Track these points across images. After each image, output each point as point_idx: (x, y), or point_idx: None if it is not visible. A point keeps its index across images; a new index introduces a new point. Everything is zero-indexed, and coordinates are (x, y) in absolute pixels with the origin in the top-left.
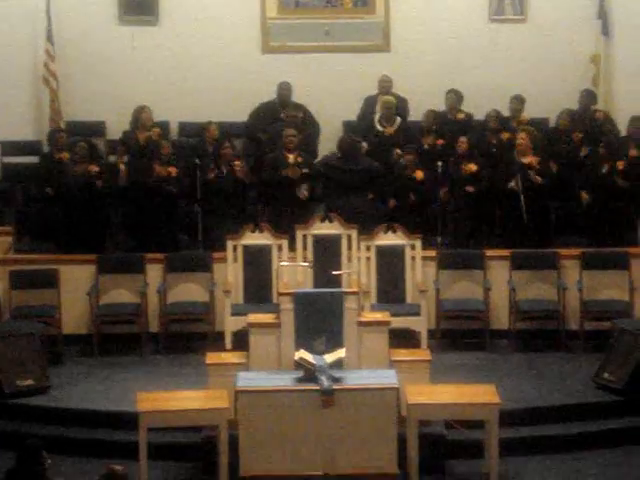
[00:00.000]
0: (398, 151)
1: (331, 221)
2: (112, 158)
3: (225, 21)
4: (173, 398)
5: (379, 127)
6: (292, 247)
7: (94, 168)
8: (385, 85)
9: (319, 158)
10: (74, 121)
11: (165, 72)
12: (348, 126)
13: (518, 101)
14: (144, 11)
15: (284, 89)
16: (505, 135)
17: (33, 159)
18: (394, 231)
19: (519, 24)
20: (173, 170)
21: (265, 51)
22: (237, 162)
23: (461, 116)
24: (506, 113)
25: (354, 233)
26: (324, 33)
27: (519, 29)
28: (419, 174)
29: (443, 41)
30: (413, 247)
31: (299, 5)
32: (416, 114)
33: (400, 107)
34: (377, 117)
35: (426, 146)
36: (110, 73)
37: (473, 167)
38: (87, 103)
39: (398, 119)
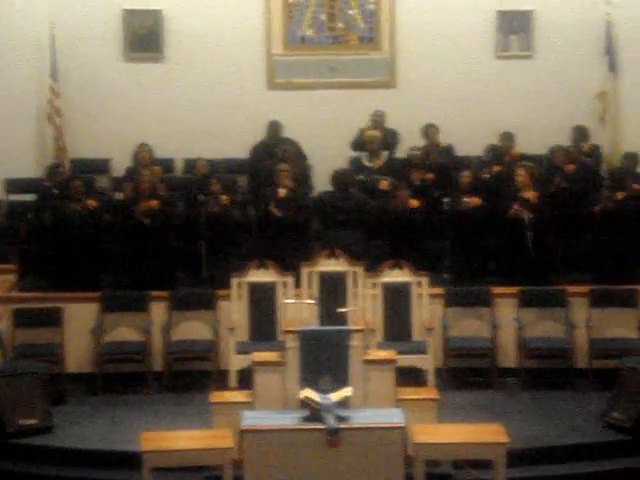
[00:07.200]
0: (384, 181)
1: (337, 258)
2: (118, 195)
3: (230, 58)
4: (177, 438)
5: (367, 163)
6: (298, 284)
7: (92, 203)
8: (377, 120)
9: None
10: (79, 158)
11: (171, 109)
12: (353, 162)
13: (507, 138)
14: (149, 48)
15: (273, 127)
16: (496, 168)
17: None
18: (400, 268)
19: (525, 60)
20: (154, 203)
21: (270, 87)
22: (223, 197)
23: (443, 145)
24: None
25: (360, 270)
26: (329, 70)
27: (525, 65)
28: (413, 203)
29: (449, 77)
30: (419, 284)
31: (305, 42)
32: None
33: (390, 140)
34: (364, 155)
35: (417, 182)
36: (115, 110)
37: (477, 201)
38: (92, 140)
39: (385, 153)
